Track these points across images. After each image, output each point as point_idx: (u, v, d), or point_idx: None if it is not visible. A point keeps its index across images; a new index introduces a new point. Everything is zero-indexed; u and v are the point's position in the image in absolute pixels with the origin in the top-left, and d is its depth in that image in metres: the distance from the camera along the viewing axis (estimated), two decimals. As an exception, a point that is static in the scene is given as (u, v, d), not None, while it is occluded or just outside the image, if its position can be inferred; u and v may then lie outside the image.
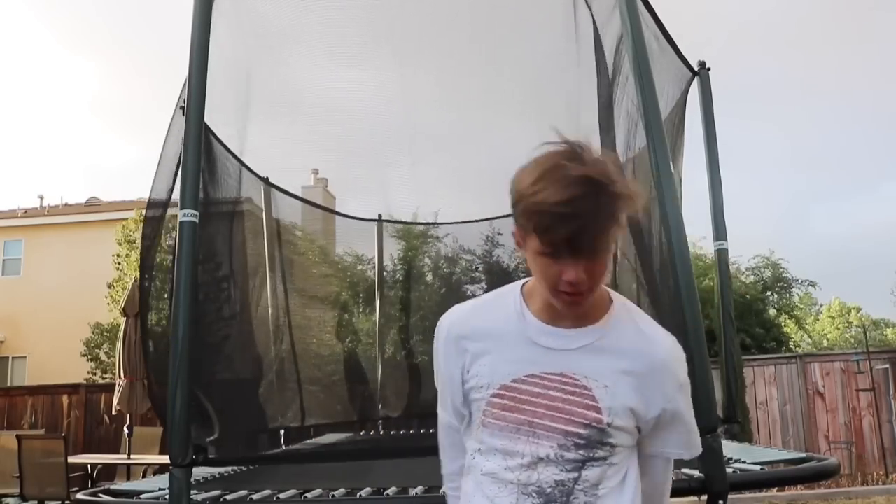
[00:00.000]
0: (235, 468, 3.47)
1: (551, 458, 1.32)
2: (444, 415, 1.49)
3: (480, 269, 7.52)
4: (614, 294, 1.43)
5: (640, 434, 1.38)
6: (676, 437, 1.42)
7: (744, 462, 2.71)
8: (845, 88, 55.44)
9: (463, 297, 7.68)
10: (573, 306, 1.30)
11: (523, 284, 1.43)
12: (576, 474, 1.32)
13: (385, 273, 6.74)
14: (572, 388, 1.33)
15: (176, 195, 3.19)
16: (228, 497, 2.60)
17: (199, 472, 3.08)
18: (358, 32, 3.46)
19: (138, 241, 15.54)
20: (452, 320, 1.46)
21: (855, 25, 51.57)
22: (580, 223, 1.19)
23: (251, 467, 3.60)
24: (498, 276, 7.23)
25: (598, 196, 1.19)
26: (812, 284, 16.04)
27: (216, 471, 3.35)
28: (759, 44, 54.86)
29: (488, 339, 1.40)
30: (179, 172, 2.56)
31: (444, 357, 1.46)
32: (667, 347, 1.39)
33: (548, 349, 1.35)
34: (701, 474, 2.20)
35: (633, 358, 1.34)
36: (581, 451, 1.32)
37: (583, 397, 1.32)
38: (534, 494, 1.32)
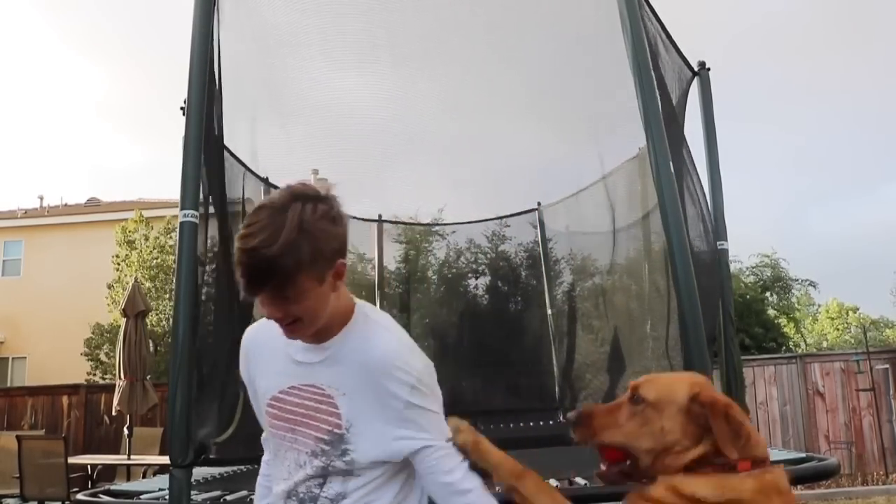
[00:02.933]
0: (235, 468, 3.46)
1: (306, 464, 1.44)
2: (259, 417, 1.61)
3: (479, 268, 7.53)
4: (360, 306, 1.50)
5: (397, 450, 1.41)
6: (413, 429, 1.41)
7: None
8: (845, 91, 55.54)
9: (461, 296, 7.66)
10: (292, 334, 1.41)
11: None
12: (321, 480, 1.43)
13: (385, 273, 6.74)
14: (319, 397, 1.44)
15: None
16: (228, 497, 2.59)
17: (200, 472, 3.08)
18: (357, 37, 3.47)
19: (138, 242, 15.58)
20: (246, 335, 1.60)
21: (856, 29, 51.64)
22: (247, 276, 1.31)
23: (251, 467, 3.60)
24: (495, 276, 7.24)
25: (251, 258, 1.29)
26: (812, 284, 16.07)
27: (216, 471, 3.35)
28: (761, 48, 54.95)
29: (265, 353, 1.53)
30: (180, 173, 2.56)
31: (241, 366, 1.60)
32: (383, 349, 1.43)
33: (300, 363, 1.47)
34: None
35: (360, 364, 1.42)
36: (323, 459, 1.42)
37: (328, 405, 1.43)
38: (293, 499, 1.45)
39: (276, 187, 5.21)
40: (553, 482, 2.52)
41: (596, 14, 3.30)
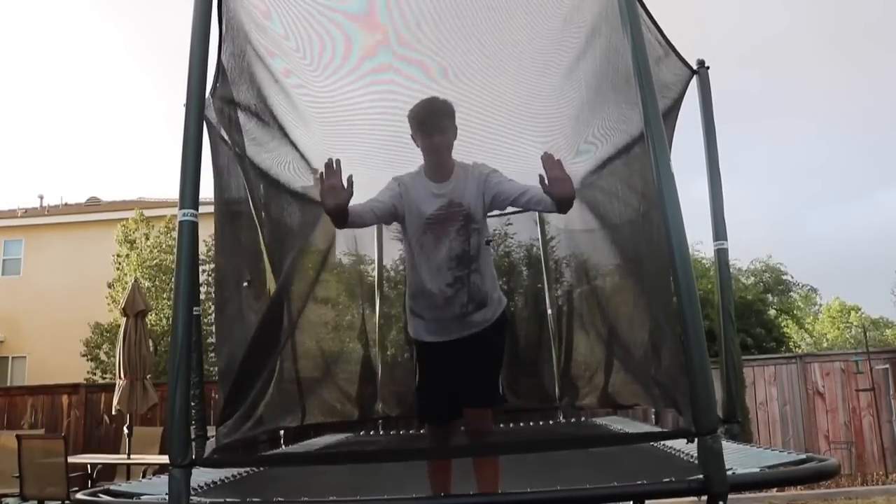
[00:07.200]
0: (236, 474, 3.45)
1: None
2: None
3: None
4: None
5: None
6: None
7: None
8: (844, 99, 55.74)
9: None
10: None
11: None
12: None
13: (385, 272, 6.73)
14: None
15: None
16: (229, 499, 2.59)
17: (199, 478, 3.07)
18: (361, 42, 3.47)
19: (138, 241, 15.57)
20: None
21: (854, 38, 51.79)
22: None
23: (252, 471, 3.58)
24: (500, 271, 7.22)
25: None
26: (813, 290, 16.03)
27: (217, 476, 3.34)
28: (765, 59, 55.10)
29: None
30: (179, 172, 2.55)
31: None
32: None
33: None
34: (701, 475, 2.19)
35: None
36: None
37: None
38: None
39: (275, 184, 5.20)
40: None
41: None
